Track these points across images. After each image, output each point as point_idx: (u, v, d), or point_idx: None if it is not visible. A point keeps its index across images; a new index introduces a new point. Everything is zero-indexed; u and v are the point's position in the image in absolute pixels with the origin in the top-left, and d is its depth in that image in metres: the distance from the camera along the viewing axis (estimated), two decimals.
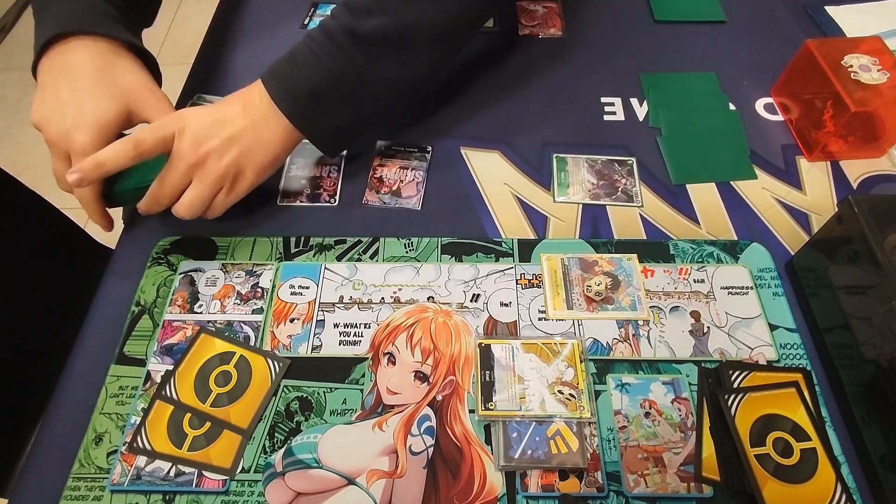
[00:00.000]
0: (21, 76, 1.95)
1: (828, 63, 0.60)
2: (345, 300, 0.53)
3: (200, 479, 0.44)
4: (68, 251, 0.79)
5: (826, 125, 0.60)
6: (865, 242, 0.44)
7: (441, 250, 0.56)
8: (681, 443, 0.45)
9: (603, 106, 0.69)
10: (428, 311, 0.52)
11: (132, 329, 0.51)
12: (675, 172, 0.63)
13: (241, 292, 0.53)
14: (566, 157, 0.64)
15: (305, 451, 0.45)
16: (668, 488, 0.43)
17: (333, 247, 0.56)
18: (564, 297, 0.53)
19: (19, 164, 1.70)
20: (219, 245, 0.57)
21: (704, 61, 0.74)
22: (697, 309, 0.52)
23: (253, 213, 0.60)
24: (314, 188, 0.61)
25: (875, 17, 0.77)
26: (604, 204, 0.60)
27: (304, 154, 0.64)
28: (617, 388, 0.48)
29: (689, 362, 0.49)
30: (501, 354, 0.49)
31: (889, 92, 0.57)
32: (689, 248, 0.56)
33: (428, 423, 0.46)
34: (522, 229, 0.58)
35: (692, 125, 0.67)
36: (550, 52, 0.75)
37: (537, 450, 0.44)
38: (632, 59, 0.74)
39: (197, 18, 2.15)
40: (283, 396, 0.48)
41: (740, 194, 0.61)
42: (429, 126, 0.67)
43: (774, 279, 0.54)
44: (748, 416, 0.45)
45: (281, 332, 0.51)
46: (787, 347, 0.50)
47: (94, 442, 0.46)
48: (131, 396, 0.48)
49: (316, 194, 0.61)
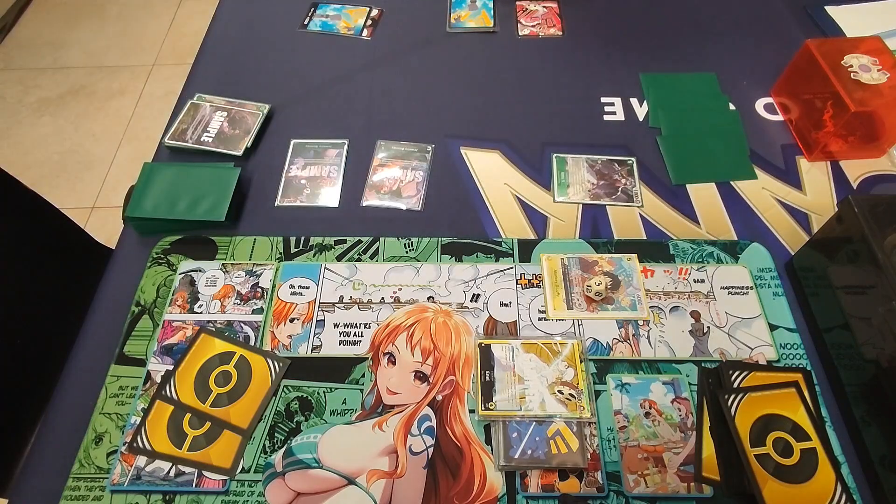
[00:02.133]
0: (21, 76, 1.95)
1: (828, 63, 0.60)
2: (345, 300, 0.53)
3: (200, 479, 0.44)
4: (68, 251, 0.79)
5: (826, 125, 0.60)
6: (865, 242, 0.44)
7: (441, 250, 0.56)
8: (681, 443, 0.45)
9: (603, 106, 0.69)
10: (428, 311, 0.52)
11: (132, 329, 0.51)
12: (675, 172, 0.63)
13: (241, 292, 0.53)
14: (566, 157, 0.64)
15: (305, 451, 0.45)
16: (668, 488, 0.43)
17: (333, 247, 0.56)
18: (564, 297, 0.53)
19: (19, 164, 1.70)
20: (219, 245, 0.57)
21: (704, 61, 0.74)
22: (697, 309, 0.52)
23: (253, 213, 0.60)
24: (314, 188, 0.61)
25: (875, 17, 0.77)
26: (604, 204, 0.60)
27: (305, 154, 0.64)
28: (617, 388, 0.48)
29: (689, 362, 0.49)
30: (501, 354, 0.49)
31: (889, 92, 0.57)
32: (689, 248, 0.56)
33: (428, 423, 0.46)
34: (522, 229, 0.58)
35: (692, 125, 0.67)
36: (550, 52, 0.75)
37: (537, 450, 0.44)
38: (632, 59, 0.74)
39: (197, 18, 2.15)
40: (283, 396, 0.48)
41: (740, 194, 0.61)
42: (429, 126, 0.67)
43: (774, 279, 0.54)
44: (748, 416, 0.45)
45: (281, 332, 0.51)
46: (787, 347, 0.50)
47: (94, 442, 0.46)
48: (131, 396, 0.48)
49: (316, 194, 0.61)
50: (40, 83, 1.94)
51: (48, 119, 1.84)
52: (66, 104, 1.87)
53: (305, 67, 0.73)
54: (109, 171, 1.69)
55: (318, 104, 0.69)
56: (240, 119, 0.65)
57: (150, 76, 1.94)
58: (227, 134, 0.64)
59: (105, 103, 1.87)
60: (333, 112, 0.68)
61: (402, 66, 0.73)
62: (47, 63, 2.00)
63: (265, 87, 0.70)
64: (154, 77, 1.94)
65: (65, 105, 1.87)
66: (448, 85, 0.71)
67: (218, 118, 0.65)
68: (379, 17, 0.79)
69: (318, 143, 0.65)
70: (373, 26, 0.78)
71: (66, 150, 1.74)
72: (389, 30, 0.78)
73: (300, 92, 0.70)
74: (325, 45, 0.76)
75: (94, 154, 1.73)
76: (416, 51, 0.75)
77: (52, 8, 2.19)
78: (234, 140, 0.64)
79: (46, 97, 1.89)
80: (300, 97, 0.70)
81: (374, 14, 0.79)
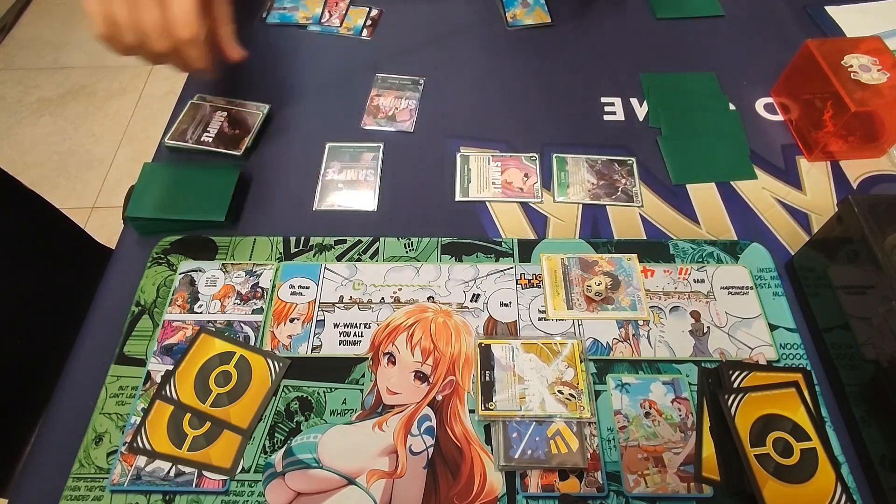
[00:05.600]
0: (21, 76, 1.95)
1: (828, 63, 0.60)
2: (345, 300, 0.53)
3: (200, 479, 0.44)
4: (68, 251, 0.79)
5: (826, 125, 0.60)
6: (865, 242, 0.44)
7: (441, 250, 0.56)
8: (681, 443, 0.45)
9: (603, 106, 0.69)
10: (428, 311, 0.52)
11: (132, 329, 0.51)
12: (675, 172, 0.63)
13: (241, 292, 0.53)
14: (566, 157, 0.64)
15: (305, 451, 0.45)
16: (668, 488, 0.43)
17: (333, 247, 0.56)
18: (564, 297, 0.53)
19: (19, 164, 1.70)
20: (219, 245, 0.57)
21: (704, 61, 0.74)
22: (697, 309, 0.52)
23: (253, 213, 0.60)
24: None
25: (875, 17, 0.77)
26: (604, 204, 0.60)
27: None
28: (617, 388, 0.48)
29: (689, 362, 0.49)
30: (501, 354, 0.49)
31: (889, 92, 0.57)
32: (689, 248, 0.56)
33: (428, 423, 0.46)
34: (522, 229, 0.58)
35: (692, 125, 0.67)
36: (551, 53, 0.75)
37: (537, 450, 0.44)
38: (632, 59, 0.74)
39: None
40: (283, 396, 0.48)
41: (740, 194, 0.61)
42: (429, 126, 0.67)
43: (774, 279, 0.54)
44: (748, 416, 0.45)
45: (281, 332, 0.51)
46: (787, 347, 0.50)
47: (94, 442, 0.46)
48: (131, 396, 0.48)
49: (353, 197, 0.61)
50: (40, 83, 1.94)
51: (48, 119, 1.84)
52: (66, 104, 1.87)
53: (305, 67, 0.73)
54: (109, 171, 1.69)
55: (318, 104, 0.69)
56: (240, 119, 0.65)
57: (150, 76, 1.94)
58: (227, 134, 0.64)
59: (105, 103, 1.87)
60: (334, 112, 0.68)
61: (403, 65, 0.73)
62: (47, 63, 2.00)
63: (265, 87, 0.70)
64: (154, 77, 1.94)
65: (65, 105, 1.87)
66: (448, 84, 0.71)
67: (218, 118, 0.65)
68: (379, 17, 0.79)
69: (354, 147, 0.65)
70: (372, 26, 0.78)
71: (66, 150, 1.74)
72: (389, 30, 0.78)
73: (300, 92, 0.70)
74: (325, 45, 0.76)
75: (94, 154, 1.74)
76: (415, 50, 0.75)
77: (52, 8, 2.19)
78: (234, 140, 0.64)
79: (46, 97, 1.89)
80: (300, 97, 0.70)
81: (374, 14, 0.79)
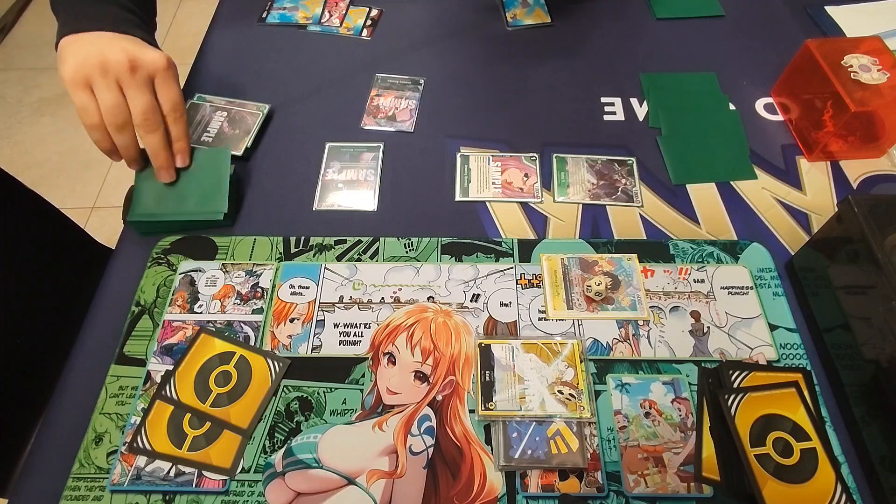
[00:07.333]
0: (21, 76, 1.95)
1: (828, 63, 0.60)
2: (345, 300, 0.53)
3: (200, 479, 0.44)
4: (68, 251, 0.79)
5: (826, 125, 0.60)
6: (865, 242, 0.44)
7: (441, 250, 0.56)
8: (681, 443, 0.45)
9: (603, 106, 0.69)
10: (428, 311, 0.52)
11: (132, 329, 0.51)
12: (675, 172, 0.63)
13: (241, 292, 0.53)
14: (566, 157, 0.64)
15: (305, 451, 0.45)
16: (668, 488, 0.43)
17: (333, 247, 0.56)
18: (564, 297, 0.53)
19: (19, 164, 1.70)
20: (219, 245, 0.57)
21: (704, 61, 0.74)
22: (697, 309, 0.52)
23: (253, 213, 0.60)
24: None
25: (875, 17, 0.77)
26: (604, 204, 0.60)
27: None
28: (617, 388, 0.48)
29: (689, 362, 0.49)
30: (501, 354, 0.49)
31: (889, 92, 0.57)
32: (689, 248, 0.56)
33: (428, 423, 0.46)
34: (522, 229, 0.58)
35: (692, 125, 0.67)
36: (551, 53, 0.75)
37: (537, 450, 0.44)
38: (632, 59, 0.74)
39: (197, 18, 2.15)
40: (283, 396, 0.48)
41: (740, 194, 0.61)
42: (429, 126, 0.67)
43: (774, 279, 0.54)
44: (748, 416, 0.45)
45: (281, 332, 0.51)
46: (787, 347, 0.50)
47: (94, 442, 0.46)
48: (131, 396, 0.48)
49: (352, 197, 0.61)
50: (40, 83, 1.94)
51: (48, 119, 1.84)
52: (67, 104, 1.87)
53: (305, 67, 0.73)
54: (109, 171, 1.69)
55: (318, 104, 0.69)
56: (240, 119, 0.65)
57: None
58: (227, 134, 0.64)
59: None
60: (334, 112, 0.68)
61: (403, 65, 0.73)
62: (47, 63, 2.00)
63: (265, 87, 0.70)
64: None
65: (65, 105, 1.87)
66: (448, 84, 0.71)
67: (218, 118, 0.65)
68: (378, 17, 0.79)
69: (354, 147, 0.65)
70: (372, 26, 0.78)
71: (66, 150, 1.74)
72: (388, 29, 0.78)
73: (300, 92, 0.70)
74: (325, 45, 0.76)
75: (94, 154, 1.73)
76: (415, 50, 0.75)
77: None
78: (234, 140, 0.64)
79: (46, 97, 1.89)
80: (300, 97, 0.70)
81: (374, 14, 0.79)
